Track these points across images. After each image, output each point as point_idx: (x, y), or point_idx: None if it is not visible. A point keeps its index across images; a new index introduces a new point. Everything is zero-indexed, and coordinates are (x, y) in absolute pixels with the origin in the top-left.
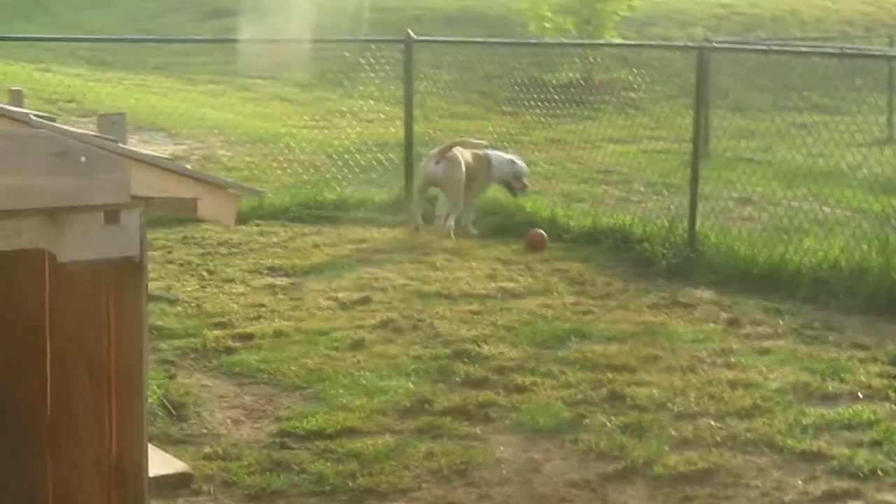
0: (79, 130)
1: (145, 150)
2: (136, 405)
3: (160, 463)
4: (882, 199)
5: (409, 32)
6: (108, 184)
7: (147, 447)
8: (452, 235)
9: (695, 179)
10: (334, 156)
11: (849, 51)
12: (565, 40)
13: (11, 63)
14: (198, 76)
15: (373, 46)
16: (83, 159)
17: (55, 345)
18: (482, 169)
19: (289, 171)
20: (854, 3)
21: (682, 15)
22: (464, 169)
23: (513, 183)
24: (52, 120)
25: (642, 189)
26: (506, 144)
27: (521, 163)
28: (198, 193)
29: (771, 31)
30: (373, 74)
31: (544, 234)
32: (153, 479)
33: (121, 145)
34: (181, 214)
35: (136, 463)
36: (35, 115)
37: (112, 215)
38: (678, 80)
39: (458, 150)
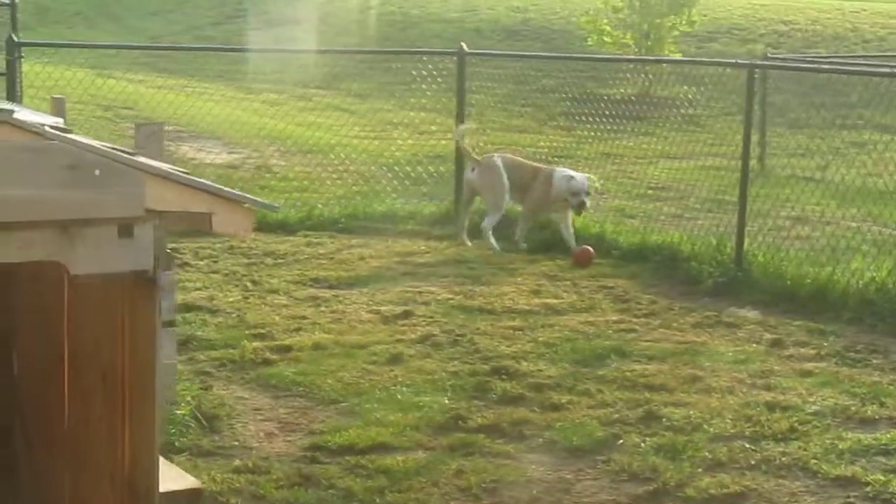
0: (95, 143)
1: (203, 156)
2: (148, 420)
3: (172, 478)
4: None
5: (461, 45)
6: (121, 197)
7: (158, 462)
8: (491, 240)
9: (743, 197)
10: (385, 167)
11: None
12: (615, 55)
13: (75, 69)
14: (258, 85)
15: (424, 59)
16: (97, 172)
17: (73, 358)
18: (539, 182)
19: (340, 181)
20: None
21: (743, 31)
22: (503, 175)
23: (570, 199)
24: (68, 132)
25: (696, 206)
26: (557, 160)
27: (580, 179)
28: (213, 208)
29: (832, 49)
30: (424, 87)
31: (591, 250)
32: (163, 494)
33: (137, 158)
34: (197, 228)
35: (148, 478)
36: (50, 127)
37: (126, 229)
38: (737, 96)
39: (498, 157)
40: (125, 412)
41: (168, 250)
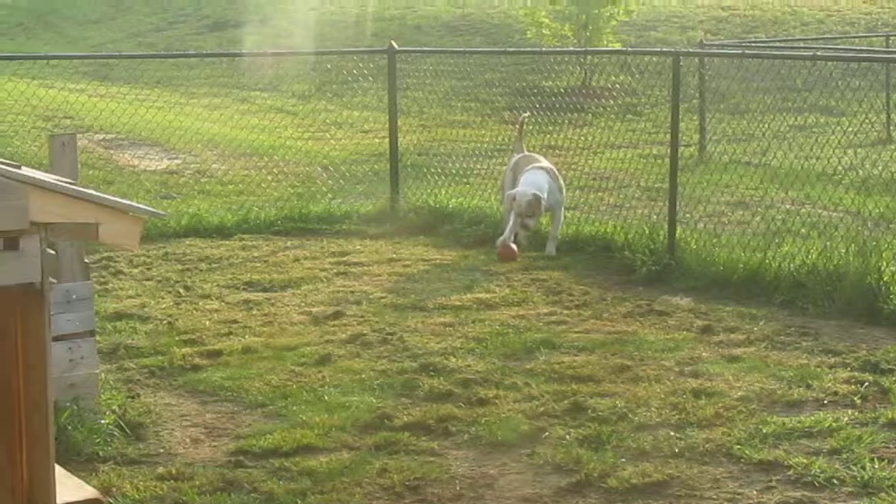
0: None
1: (143, 163)
2: (42, 433)
3: (71, 489)
4: (876, 199)
5: (391, 43)
6: (5, 211)
7: (54, 476)
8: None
9: (673, 184)
10: (330, 167)
11: (822, 52)
12: (553, 47)
13: (16, 80)
14: (199, 89)
15: (354, 58)
16: None
17: None
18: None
19: (276, 183)
20: (856, 2)
21: (682, 18)
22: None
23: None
24: None
25: (636, 195)
26: (502, 153)
27: (522, 199)
28: (99, 218)
29: (771, 33)
30: (365, 85)
31: (514, 248)
32: None
33: (19, 171)
34: (84, 239)
35: (45, 492)
36: None
37: (11, 242)
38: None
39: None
40: (21, 426)
41: (85, 261)
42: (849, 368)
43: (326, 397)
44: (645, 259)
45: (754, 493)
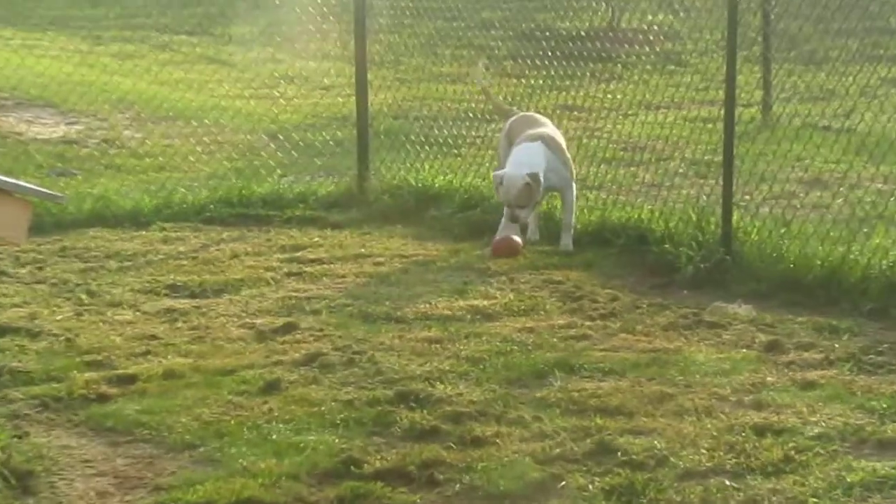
0: None
1: (33, 129)
2: None
3: None
4: None
5: None
6: None
7: None
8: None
9: (729, 156)
10: (279, 135)
11: None
12: None
13: None
14: (105, 32)
15: None
16: None
17: None
18: None
19: (209, 156)
20: None
21: None
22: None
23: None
24: None
25: (681, 170)
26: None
27: (509, 183)
28: None
29: None
30: (327, 27)
31: (518, 241)
32: None
33: None
34: None
35: None
36: None
37: None
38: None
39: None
40: None
41: None
42: None
43: (274, 436)
44: (692, 254)
45: None
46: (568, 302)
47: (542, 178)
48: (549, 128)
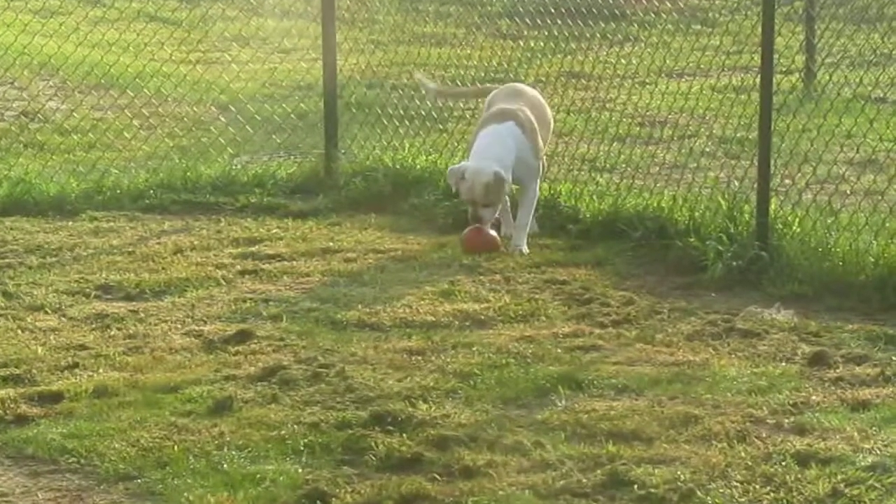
0: None
1: None
2: None
3: None
4: None
5: None
6: None
7: None
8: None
9: (766, 133)
10: (231, 107)
11: None
12: None
13: None
14: None
15: None
16: None
17: None
18: None
19: (148, 132)
20: None
21: None
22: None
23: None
24: None
25: (708, 150)
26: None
27: (472, 177)
28: None
29: None
30: None
31: (493, 235)
32: None
33: None
34: None
35: None
36: None
37: None
38: None
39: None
40: None
41: None
42: None
43: (226, 465)
44: (721, 249)
45: None
46: (574, 306)
47: (508, 178)
48: (526, 100)
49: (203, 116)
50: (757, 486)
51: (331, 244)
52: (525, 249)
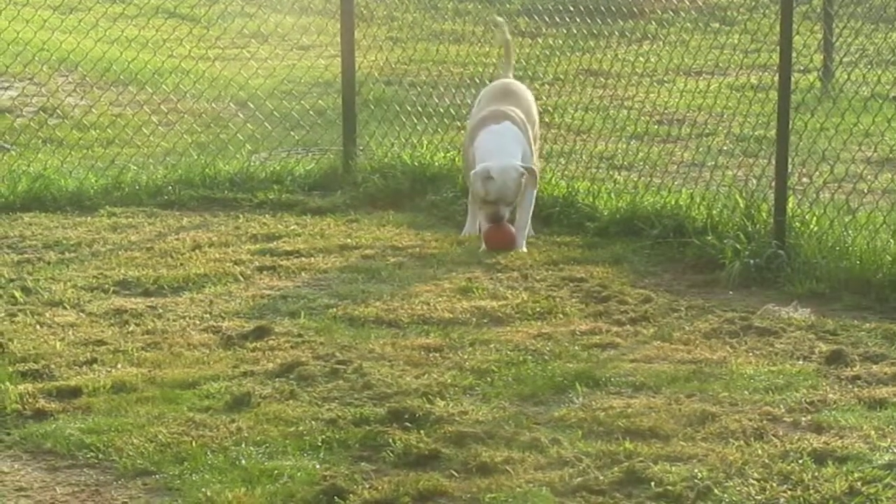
0: None
1: None
2: None
3: None
4: None
5: None
6: None
7: None
8: None
9: (784, 132)
10: (250, 104)
11: None
12: None
13: None
14: None
15: None
16: None
17: None
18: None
19: (166, 128)
20: None
21: None
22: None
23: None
24: None
25: (727, 148)
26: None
27: (501, 175)
28: None
29: None
30: None
31: (510, 228)
32: None
33: None
34: None
35: None
36: None
37: None
38: None
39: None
40: None
41: None
42: None
43: (244, 461)
44: (739, 248)
45: None
46: (591, 303)
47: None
48: (516, 99)
49: (221, 113)
50: (774, 484)
51: (349, 241)
52: (524, 249)
